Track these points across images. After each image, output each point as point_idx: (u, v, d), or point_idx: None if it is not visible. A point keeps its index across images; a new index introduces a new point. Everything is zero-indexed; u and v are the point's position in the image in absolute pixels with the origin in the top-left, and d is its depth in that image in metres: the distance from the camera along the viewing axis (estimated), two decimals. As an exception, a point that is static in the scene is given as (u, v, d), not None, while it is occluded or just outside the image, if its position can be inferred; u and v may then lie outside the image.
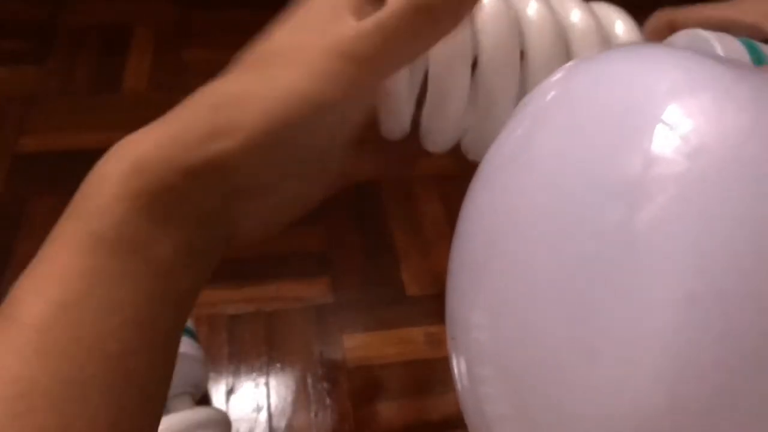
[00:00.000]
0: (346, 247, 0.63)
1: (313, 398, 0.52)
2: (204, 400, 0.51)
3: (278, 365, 0.54)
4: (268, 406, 0.51)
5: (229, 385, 0.52)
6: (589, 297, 0.19)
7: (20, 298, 0.23)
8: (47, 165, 0.67)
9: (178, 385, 0.46)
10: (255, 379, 0.53)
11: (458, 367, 0.24)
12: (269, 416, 0.51)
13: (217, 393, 0.52)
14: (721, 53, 0.26)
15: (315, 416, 0.51)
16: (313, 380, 0.53)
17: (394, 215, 0.66)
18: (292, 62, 0.25)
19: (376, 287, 0.60)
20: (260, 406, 0.51)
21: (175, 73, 0.79)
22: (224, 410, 0.50)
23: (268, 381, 0.53)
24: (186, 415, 0.44)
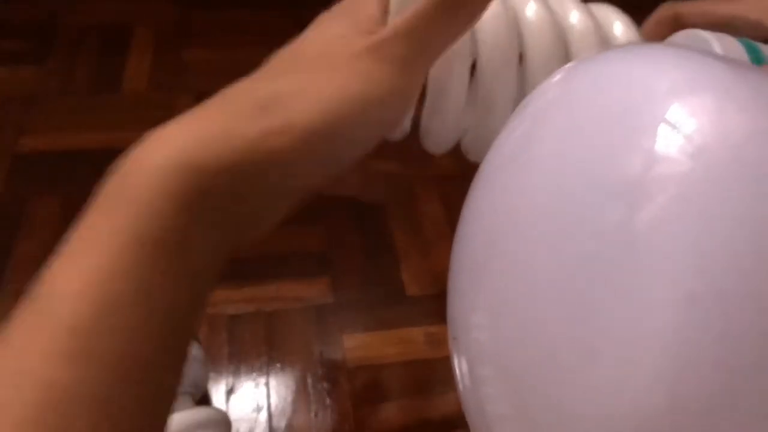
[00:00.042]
0: (346, 247, 0.63)
1: (313, 398, 0.52)
2: (204, 400, 0.51)
3: (278, 365, 0.54)
4: (268, 406, 0.51)
5: (229, 385, 0.52)
6: (589, 297, 0.19)
7: (56, 294, 0.21)
8: (47, 165, 0.67)
9: (178, 385, 0.46)
10: (255, 379, 0.53)
11: (459, 367, 0.24)
12: (269, 416, 0.51)
13: (217, 393, 0.52)
14: (720, 53, 0.26)
15: (315, 416, 0.51)
16: (313, 380, 0.53)
17: (394, 215, 0.66)
18: (336, 63, 0.26)
19: (376, 287, 0.60)
20: (260, 406, 0.51)
21: (175, 73, 0.79)
22: (224, 410, 0.50)
23: (268, 381, 0.53)
24: (186, 415, 0.44)
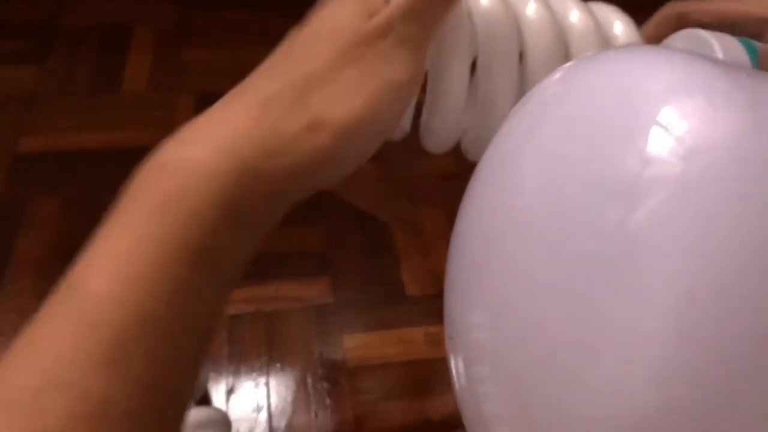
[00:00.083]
0: (346, 247, 0.63)
1: (313, 398, 0.52)
2: (204, 400, 0.51)
3: (278, 365, 0.54)
4: (268, 406, 0.51)
5: (229, 385, 0.52)
6: (589, 297, 0.19)
7: (92, 298, 0.21)
8: (47, 165, 0.67)
9: (178, 385, 0.46)
10: (255, 379, 0.53)
11: (456, 367, 0.24)
12: (269, 416, 0.51)
13: (217, 393, 0.52)
14: (720, 53, 0.26)
15: (315, 416, 0.51)
16: (313, 380, 0.53)
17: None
18: (359, 52, 0.25)
19: (376, 287, 0.60)
20: (260, 406, 0.51)
21: (175, 73, 0.79)
22: (224, 410, 0.50)
23: (268, 381, 0.53)
24: (186, 415, 0.44)
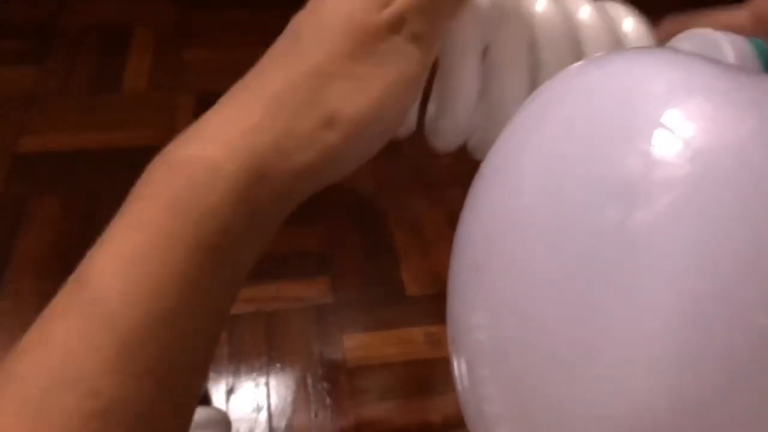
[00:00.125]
0: (346, 247, 0.63)
1: (313, 398, 0.52)
2: (204, 400, 0.51)
3: (278, 365, 0.54)
4: (268, 406, 0.51)
5: (229, 385, 0.52)
6: (589, 297, 0.19)
7: (104, 295, 0.21)
8: (47, 165, 0.67)
9: (178, 385, 0.46)
10: (255, 379, 0.53)
11: (459, 368, 0.24)
12: (269, 416, 0.51)
13: (217, 393, 0.52)
14: (729, 54, 0.26)
15: (315, 416, 0.51)
16: (313, 380, 0.53)
17: (394, 215, 0.66)
18: (369, 46, 0.25)
19: (376, 287, 0.60)
20: (260, 406, 0.51)
21: (175, 73, 0.79)
22: (224, 410, 0.50)
23: (268, 381, 0.53)
24: (193, 414, 0.44)
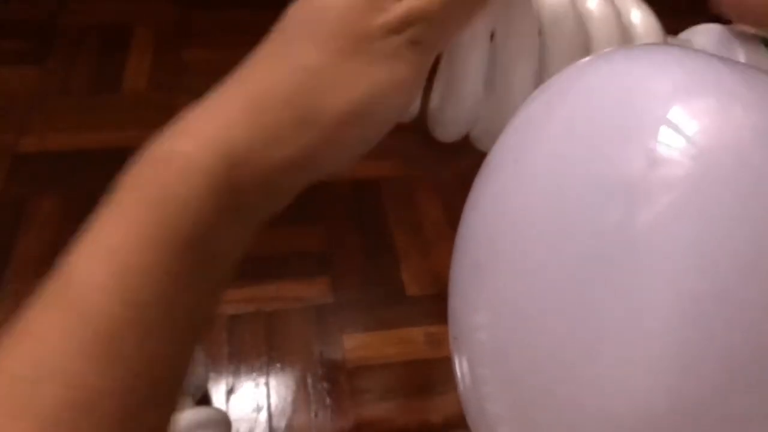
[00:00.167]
0: (346, 247, 0.63)
1: (313, 398, 0.52)
2: (204, 400, 0.51)
3: (278, 365, 0.54)
4: (268, 406, 0.51)
5: (229, 385, 0.52)
6: (589, 297, 0.19)
7: (82, 288, 0.21)
8: (47, 165, 0.67)
9: (178, 385, 0.46)
10: (255, 379, 0.53)
11: (460, 367, 0.24)
12: (269, 416, 0.51)
13: (217, 393, 0.52)
14: (741, 51, 0.26)
15: (315, 416, 0.51)
16: (313, 380, 0.53)
17: (394, 215, 0.66)
18: (359, 47, 0.25)
19: (376, 287, 0.60)
20: (260, 406, 0.51)
21: (175, 73, 0.79)
22: (224, 410, 0.50)
23: (268, 381, 0.53)
24: (186, 415, 0.44)
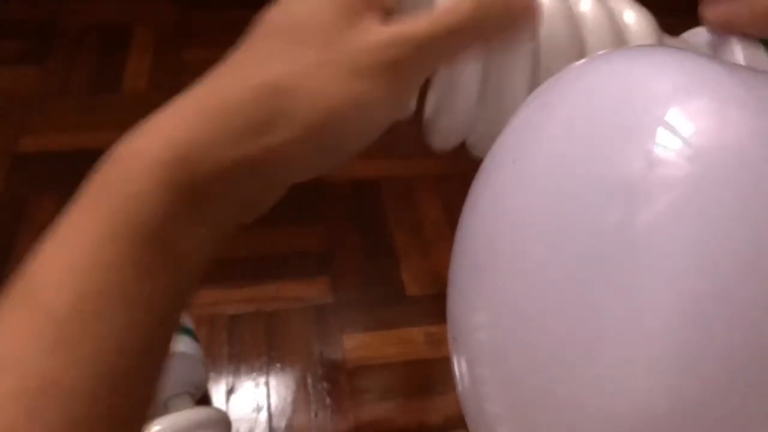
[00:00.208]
0: (346, 247, 0.63)
1: (313, 398, 0.52)
2: (204, 400, 0.51)
3: (278, 365, 0.54)
4: (268, 406, 0.51)
5: (229, 385, 0.52)
6: (589, 297, 0.19)
7: (39, 284, 0.22)
8: (47, 165, 0.67)
9: (177, 385, 0.46)
10: (255, 379, 0.53)
11: (459, 367, 0.24)
12: (269, 416, 0.51)
13: (217, 393, 0.52)
14: (740, 53, 0.26)
15: (315, 416, 0.51)
16: (313, 380, 0.53)
17: (394, 215, 0.66)
18: (338, 57, 0.26)
19: (376, 287, 0.60)
20: (260, 406, 0.51)
21: (175, 73, 0.79)
22: (224, 410, 0.50)
23: (268, 381, 0.53)
24: (186, 414, 0.44)
